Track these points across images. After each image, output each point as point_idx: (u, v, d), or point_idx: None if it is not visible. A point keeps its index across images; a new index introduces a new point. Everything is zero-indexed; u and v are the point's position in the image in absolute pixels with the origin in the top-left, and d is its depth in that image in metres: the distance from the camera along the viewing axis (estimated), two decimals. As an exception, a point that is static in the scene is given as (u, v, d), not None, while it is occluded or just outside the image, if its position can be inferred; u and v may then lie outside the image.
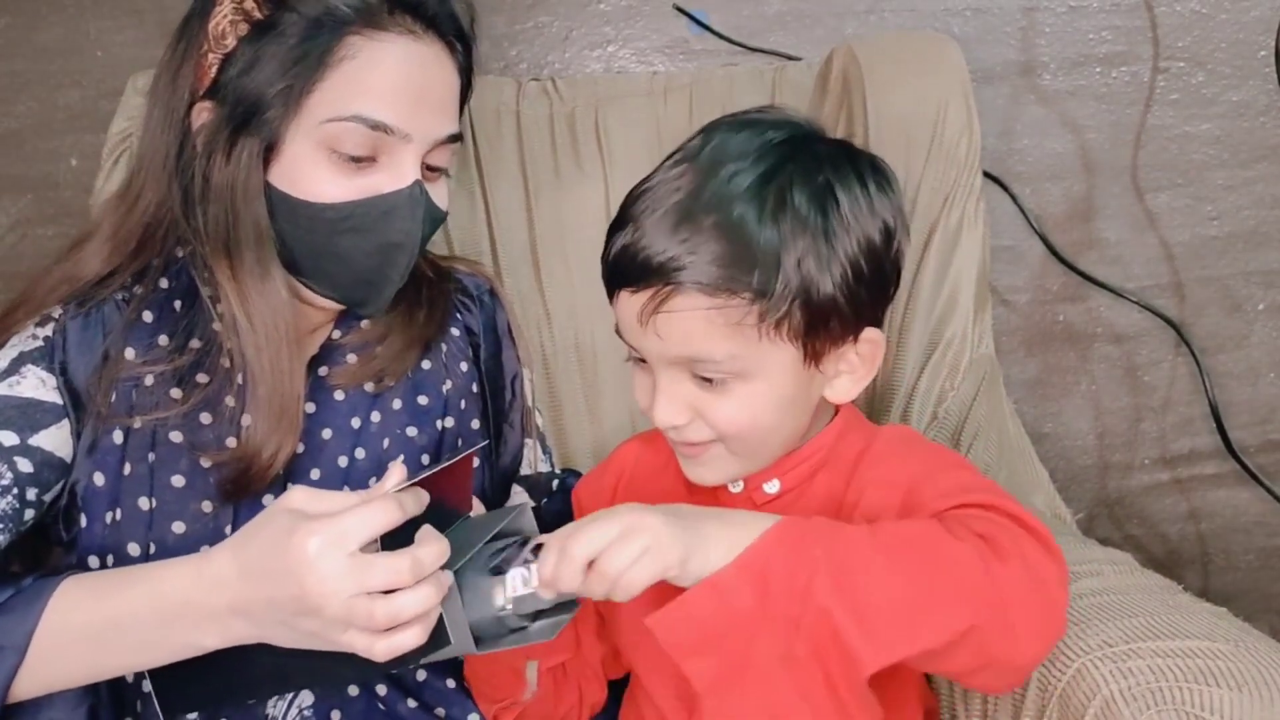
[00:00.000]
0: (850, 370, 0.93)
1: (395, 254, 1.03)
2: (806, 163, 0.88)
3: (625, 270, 0.88)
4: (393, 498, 0.80)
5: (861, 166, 0.91)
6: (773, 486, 0.96)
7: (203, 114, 1.01)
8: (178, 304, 1.03)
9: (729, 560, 0.79)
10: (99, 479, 0.97)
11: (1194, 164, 1.70)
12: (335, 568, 0.76)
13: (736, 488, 0.97)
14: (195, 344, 1.01)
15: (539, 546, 0.85)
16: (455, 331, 1.17)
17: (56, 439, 0.98)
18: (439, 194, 1.07)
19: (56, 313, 1.01)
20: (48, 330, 1.01)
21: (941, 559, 0.78)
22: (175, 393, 0.99)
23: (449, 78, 1.05)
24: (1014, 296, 1.73)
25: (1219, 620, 0.93)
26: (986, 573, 0.78)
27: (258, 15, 0.98)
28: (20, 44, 1.61)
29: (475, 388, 1.16)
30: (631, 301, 0.88)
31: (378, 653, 0.79)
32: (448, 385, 1.13)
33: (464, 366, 1.16)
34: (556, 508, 1.19)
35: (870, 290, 0.89)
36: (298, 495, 0.81)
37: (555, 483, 1.22)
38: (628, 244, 0.87)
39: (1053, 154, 1.69)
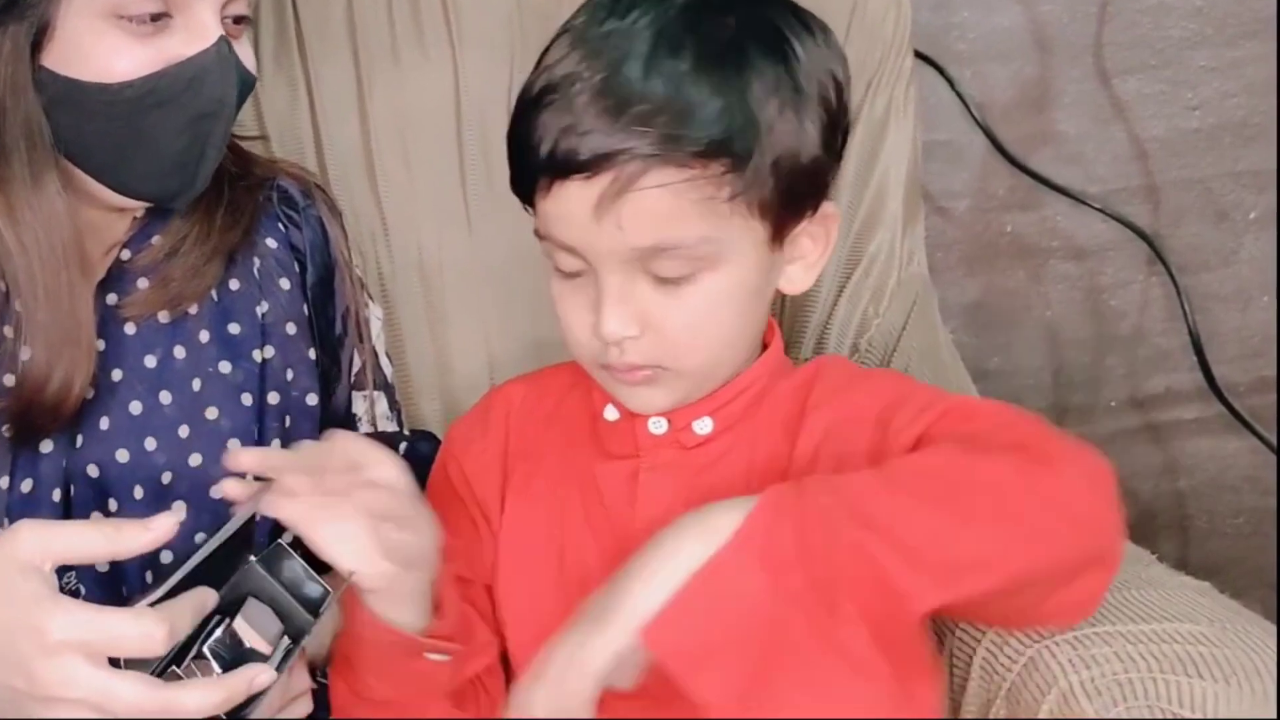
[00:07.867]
0: (803, 255, 0.94)
1: (209, 126, 1.01)
2: (751, 8, 0.89)
3: (571, 154, 0.83)
4: (165, 620, 0.75)
5: (799, 11, 0.91)
6: (704, 426, 0.92)
7: None
8: None
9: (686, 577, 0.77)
10: None
11: (1170, 42, 1.65)
12: (78, 682, 0.73)
13: (659, 428, 0.93)
14: None
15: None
16: (272, 243, 1.13)
17: None
18: (244, 54, 1.04)
19: None
20: None
21: (977, 484, 0.78)
22: None
23: None
24: (951, 203, 1.68)
25: (1201, 598, 0.93)
26: (1031, 491, 0.78)
27: None
28: None
29: (306, 312, 1.13)
30: (583, 191, 0.83)
31: None
32: (263, 307, 1.09)
33: (285, 285, 1.12)
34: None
35: (835, 152, 0.90)
36: (24, 535, 0.77)
37: (403, 445, 1.17)
38: (572, 123, 0.83)
39: (999, 29, 1.63)
